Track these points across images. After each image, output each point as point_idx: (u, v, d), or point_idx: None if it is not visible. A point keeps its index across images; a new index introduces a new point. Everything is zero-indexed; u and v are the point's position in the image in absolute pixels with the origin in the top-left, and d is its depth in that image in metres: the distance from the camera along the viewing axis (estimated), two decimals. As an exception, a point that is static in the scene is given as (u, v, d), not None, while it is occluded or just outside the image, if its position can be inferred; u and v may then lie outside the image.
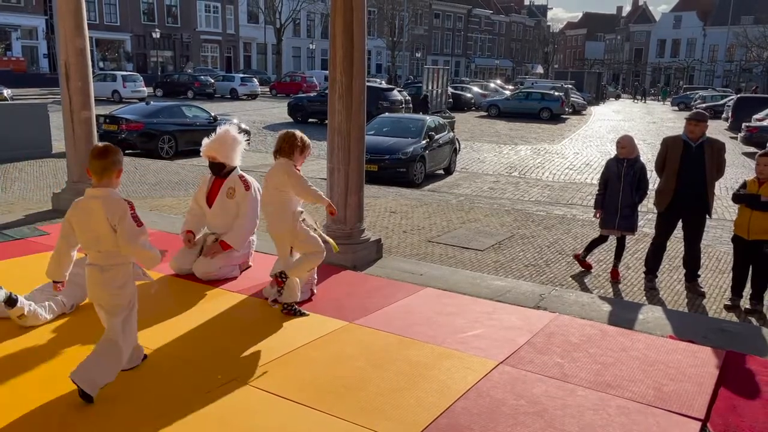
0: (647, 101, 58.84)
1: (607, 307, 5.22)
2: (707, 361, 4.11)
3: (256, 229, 5.72)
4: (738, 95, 32.77)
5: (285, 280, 4.57)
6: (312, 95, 27.90)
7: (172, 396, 3.44)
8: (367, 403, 3.44)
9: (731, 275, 5.66)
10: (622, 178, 6.03)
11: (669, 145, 5.86)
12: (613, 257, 6.32)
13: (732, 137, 22.16)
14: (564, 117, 32.98)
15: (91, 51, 10.52)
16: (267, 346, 4.13)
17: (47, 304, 4.32)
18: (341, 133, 5.96)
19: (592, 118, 35.01)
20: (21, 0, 42.63)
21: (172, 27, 52.27)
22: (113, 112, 15.81)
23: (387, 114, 17.38)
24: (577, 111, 37.23)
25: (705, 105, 35.44)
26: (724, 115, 28.82)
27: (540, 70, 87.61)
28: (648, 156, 15.25)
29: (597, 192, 6.36)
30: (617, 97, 62.45)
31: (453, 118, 22.14)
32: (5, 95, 25.09)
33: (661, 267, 6.18)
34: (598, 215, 6.31)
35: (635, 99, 60.01)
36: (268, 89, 44.35)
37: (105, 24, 47.81)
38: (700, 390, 3.72)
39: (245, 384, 3.61)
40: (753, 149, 17.52)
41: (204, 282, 5.29)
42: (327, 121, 6.17)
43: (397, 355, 4.05)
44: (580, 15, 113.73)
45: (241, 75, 43.09)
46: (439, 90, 27.17)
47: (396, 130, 14.06)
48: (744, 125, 20.23)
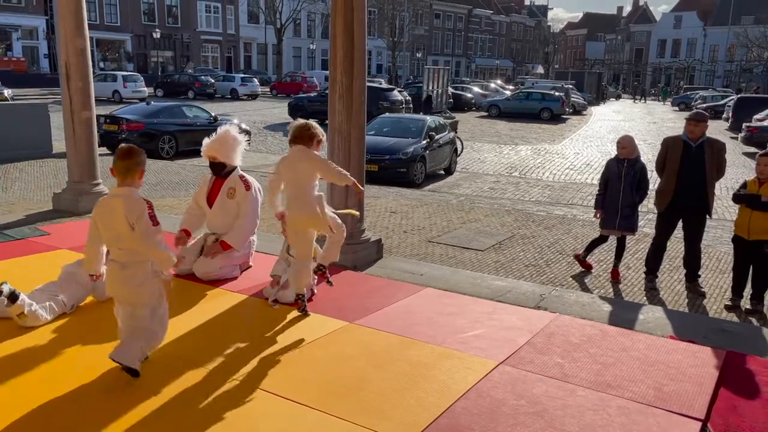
0: (647, 101, 58.85)
1: (608, 308, 5.22)
2: (707, 362, 4.11)
3: (256, 229, 5.73)
4: (738, 95, 32.74)
5: (325, 270, 4.72)
6: (312, 95, 27.91)
7: (172, 396, 3.45)
8: (368, 403, 3.44)
9: (732, 275, 5.66)
10: (622, 178, 6.03)
11: (669, 145, 5.86)
12: (614, 257, 6.31)
13: (732, 137, 22.16)
14: (564, 117, 32.96)
15: (92, 51, 10.51)
16: (267, 346, 4.13)
17: (48, 304, 4.33)
18: (342, 134, 5.97)
19: (592, 118, 35.00)
20: (21, 0, 42.67)
21: (172, 27, 52.30)
22: (114, 112, 15.83)
23: (387, 114, 17.39)
24: (578, 111, 37.21)
25: (705, 105, 35.42)
26: (724, 116, 28.82)
27: (540, 70, 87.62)
28: (648, 156, 15.24)
29: (597, 192, 6.36)
30: (618, 98, 62.48)
31: (455, 118, 22.13)
32: (6, 95, 25.11)
33: (662, 267, 6.18)
34: (598, 215, 6.31)
35: (635, 99, 60.00)
36: (268, 89, 44.36)
37: (105, 24, 47.85)
38: (700, 390, 3.72)
39: (246, 384, 3.61)
40: (753, 149, 17.52)
41: (204, 282, 5.29)
42: (327, 122, 6.17)
43: (398, 356, 4.05)
44: (580, 15, 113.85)
45: (242, 75, 43.13)
46: (440, 90, 27.17)
47: (396, 130, 14.07)
48: (744, 125, 20.24)
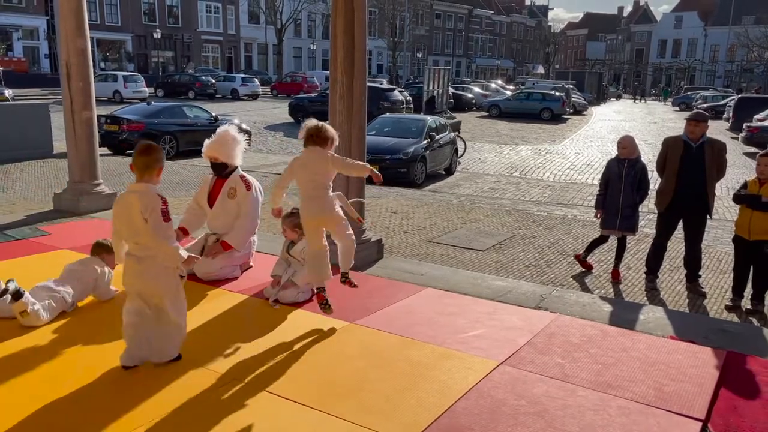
0: (646, 101, 58.81)
1: (608, 308, 5.22)
2: (708, 362, 4.11)
3: (257, 230, 5.73)
4: (739, 95, 32.73)
5: (348, 277, 4.73)
6: (313, 95, 27.90)
7: (172, 396, 3.45)
8: (368, 403, 3.44)
9: (732, 276, 5.66)
10: (623, 178, 6.03)
11: (670, 146, 5.86)
12: (614, 257, 6.31)
13: (733, 137, 22.15)
14: (565, 117, 32.95)
15: (92, 51, 10.52)
16: (268, 346, 4.14)
17: (47, 303, 4.34)
18: (342, 134, 5.93)
19: (593, 118, 34.98)
20: (22, 0, 42.70)
21: (173, 27, 52.31)
22: (114, 112, 15.85)
23: (388, 114, 17.39)
24: (578, 111, 37.18)
25: (706, 105, 35.40)
26: (725, 116, 28.79)
27: (541, 70, 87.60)
28: (649, 156, 15.25)
29: (598, 192, 6.36)
30: (618, 98, 62.47)
31: (455, 119, 22.11)
32: (7, 95, 25.12)
33: (662, 267, 6.18)
34: (598, 215, 6.31)
35: (635, 99, 60.01)
36: (269, 89, 44.37)
37: (106, 24, 47.88)
38: (700, 390, 3.72)
39: (246, 384, 3.61)
40: (754, 149, 17.51)
41: (205, 282, 5.29)
42: (328, 122, 6.16)
43: (398, 356, 4.05)
44: (581, 15, 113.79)
45: (242, 75, 43.16)
46: (440, 90, 27.18)
47: (397, 130, 14.07)
48: (745, 125, 20.24)
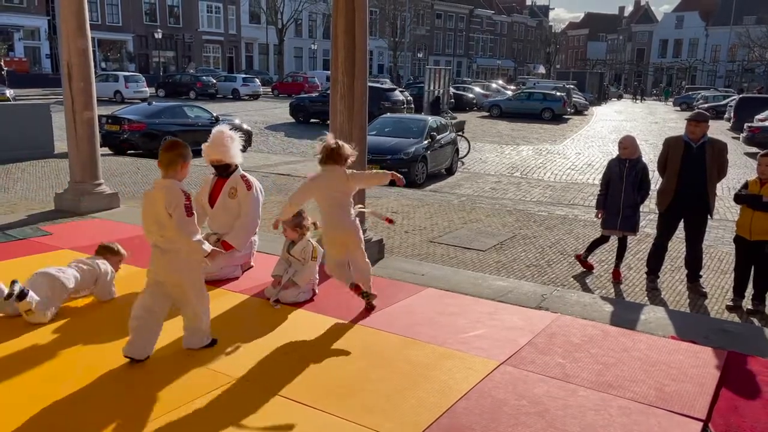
0: (646, 101, 58.75)
1: (609, 308, 5.22)
2: (709, 362, 4.11)
3: (257, 229, 5.73)
4: (740, 95, 32.70)
5: (369, 294, 4.78)
6: (314, 95, 27.89)
7: (173, 395, 3.45)
8: (369, 403, 3.44)
9: (733, 276, 5.65)
10: (624, 178, 6.03)
11: (670, 146, 5.86)
12: (615, 258, 6.31)
13: (734, 137, 22.13)
14: (566, 117, 32.93)
15: (93, 51, 10.53)
16: (268, 346, 4.14)
17: (47, 295, 4.35)
18: (343, 134, 5.96)
19: (594, 118, 34.97)
20: (23, 1, 42.73)
21: (174, 27, 52.32)
22: (115, 112, 15.84)
23: (389, 114, 17.41)
24: (579, 111, 37.16)
25: (707, 105, 35.37)
26: (726, 116, 28.77)
27: (542, 70, 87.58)
28: (650, 156, 15.22)
29: (599, 192, 6.35)
30: (619, 97, 62.45)
31: (457, 118, 22.08)
32: (8, 95, 25.14)
33: (663, 267, 6.17)
34: (599, 216, 6.31)
35: (634, 99, 59.99)
36: (270, 89, 44.38)
37: (107, 24, 47.89)
38: (701, 390, 3.72)
39: (247, 384, 3.62)
40: (755, 149, 17.48)
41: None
42: (329, 122, 6.17)
43: (399, 356, 4.06)
44: (582, 15, 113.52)
45: (243, 75, 43.14)
46: (441, 90, 27.18)
47: (398, 130, 14.07)
48: (746, 125, 20.20)
